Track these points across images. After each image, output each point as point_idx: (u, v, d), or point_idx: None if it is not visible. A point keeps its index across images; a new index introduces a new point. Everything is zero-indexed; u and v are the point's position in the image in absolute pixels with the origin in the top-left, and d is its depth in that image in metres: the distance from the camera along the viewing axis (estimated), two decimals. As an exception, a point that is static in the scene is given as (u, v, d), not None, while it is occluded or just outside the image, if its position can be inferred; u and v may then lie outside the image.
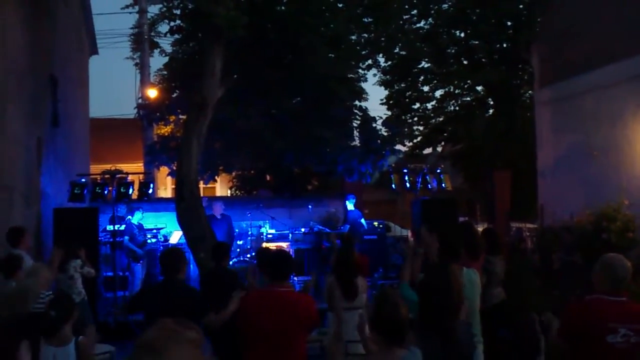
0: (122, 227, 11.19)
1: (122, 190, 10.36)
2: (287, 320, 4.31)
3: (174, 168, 12.71)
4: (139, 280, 11.00)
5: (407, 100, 21.99)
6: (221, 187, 25.20)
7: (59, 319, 4.55)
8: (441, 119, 22.46)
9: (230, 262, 9.44)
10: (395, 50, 19.64)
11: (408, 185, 11.93)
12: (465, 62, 21.06)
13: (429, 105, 22.29)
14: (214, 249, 6.96)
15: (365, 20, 15.29)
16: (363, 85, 16.36)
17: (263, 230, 12.61)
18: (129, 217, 11.52)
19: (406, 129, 20.17)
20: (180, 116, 14.91)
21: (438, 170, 12.27)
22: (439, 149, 24.74)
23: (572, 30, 13.29)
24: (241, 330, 4.49)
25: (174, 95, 15.48)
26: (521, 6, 19.65)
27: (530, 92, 19.25)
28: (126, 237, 11.00)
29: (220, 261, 6.71)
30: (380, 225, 13.98)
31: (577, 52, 13.14)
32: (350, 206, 12.59)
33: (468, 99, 22.15)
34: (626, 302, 3.94)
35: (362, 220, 12.74)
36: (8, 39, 8.89)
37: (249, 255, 11.53)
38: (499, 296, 6.21)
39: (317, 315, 4.60)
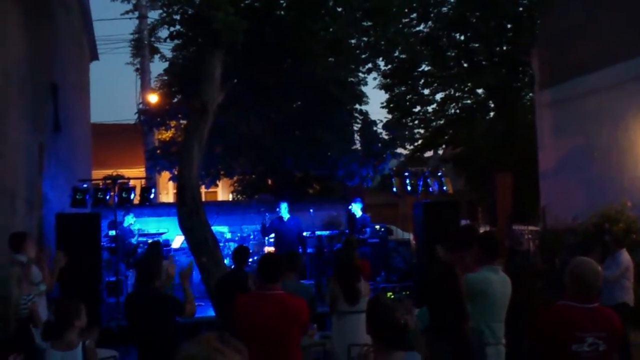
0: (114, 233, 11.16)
1: (123, 195, 10.36)
2: (280, 322, 4.30)
3: (175, 173, 12.71)
4: (130, 286, 10.85)
5: (407, 103, 21.98)
6: (222, 192, 25.22)
7: (61, 323, 4.55)
8: (442, 122, 22.45)
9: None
10: (395, 54, 19.63)
11: (409, 188, 11.90)
12: (465, 65, 21.06)
13: (430, 109, 22.29)
14: (235, 252, 6.99)
15: (365, 24, 15.28)
16: (363, 89, 16.37)
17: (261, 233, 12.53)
18: (131, 222, 11.56)
19: (407, 132, 20.13)
20: (181, 121, 14.93)
21: (439, 173, 12.24)
22: (440, 151, 24.75)
23: (572, 32, 13.31)
24: (234, 332, 4.46)
25: (175, 100, 15.51)
26: (521, 8, 19.66)
27: (531, 94, 19.26)
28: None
29: (241, 264, 6.73)
30: (382, 229, 13.94)
31: (577, 54, 13.14)
32: (358, 211, 12.39)
33: (469, 101, 22.14)
34: (596, 308, 3.83)
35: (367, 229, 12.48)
36: (9, 45, 8.92)
37: (250, 260, 11.49)
38: None
39: (308, 317, 4.60)
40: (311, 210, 12.89)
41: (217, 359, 1.81)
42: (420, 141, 22.54)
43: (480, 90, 21.44)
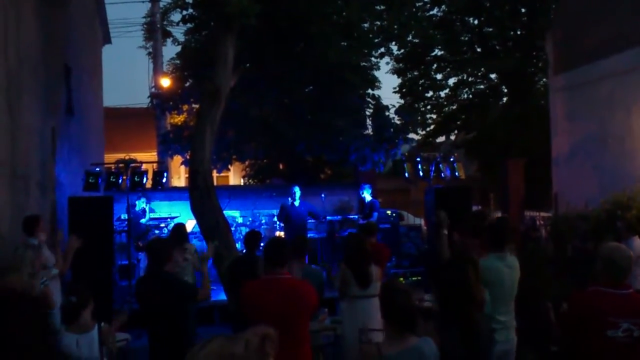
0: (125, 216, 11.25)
1: (136, 179, 10.42)
2: (289, 306, 4.29)
3: (188, 157, 12.75)
4: (142, 270, 10.96)
5: (420, 88, 21.89)
6: (234, 176, 25.27)
7: (79, 305, 4.61)
8: (454, 107, 22.34)
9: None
10: (408, 38, 19.52)
11: (421, 173, 11.87)
12: (479, 50, 20.91)
13: (442, 94, 22.20)
14: (246, 237, 7.12)
15: (378, 7, 15.18)
16: (376, 73, 16.27)
17: (276, 218, 12.59)
18: (143, 206, 11.63)
19: (419, 117, 20.07)
20: (194, 105, 14.94)
21: (451, 159, 12.19)
22: (453, 137, 24.64)
23: (587, 16, 13.17)
24: (243, 317, 4.50)
25: (187, 84, 15.51)
26: (535, -8, 19.47)
27: (544, 79, 19.10)
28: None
29: (252, 249, 6.79)
30: (394, 214, 13.93)
31: (592, 39, 13.01)
32: (368, 197, 12.33)
33: (482, 86, 22.01)
34: (630, 294, 3.79)
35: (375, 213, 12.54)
36: (21, 29, 8.94)
37: (262, 244, 11.52)
38: None
39: (317, 300, 4.60)
40: (323, 195, 12.90)
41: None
42: (432, 126, 22.47)
43: (493, 75, 21.30)
